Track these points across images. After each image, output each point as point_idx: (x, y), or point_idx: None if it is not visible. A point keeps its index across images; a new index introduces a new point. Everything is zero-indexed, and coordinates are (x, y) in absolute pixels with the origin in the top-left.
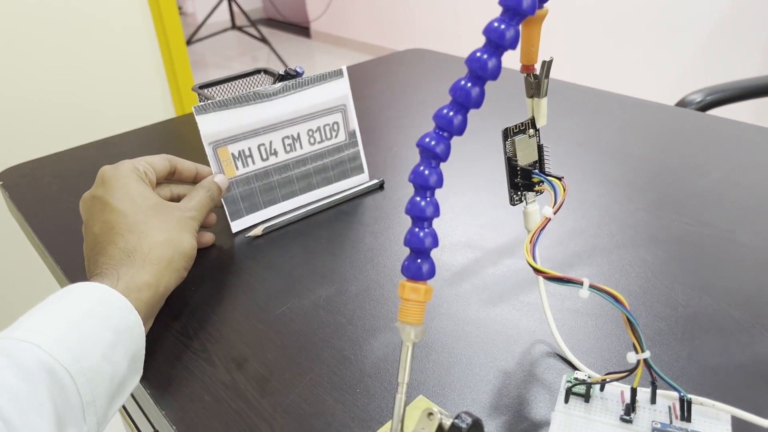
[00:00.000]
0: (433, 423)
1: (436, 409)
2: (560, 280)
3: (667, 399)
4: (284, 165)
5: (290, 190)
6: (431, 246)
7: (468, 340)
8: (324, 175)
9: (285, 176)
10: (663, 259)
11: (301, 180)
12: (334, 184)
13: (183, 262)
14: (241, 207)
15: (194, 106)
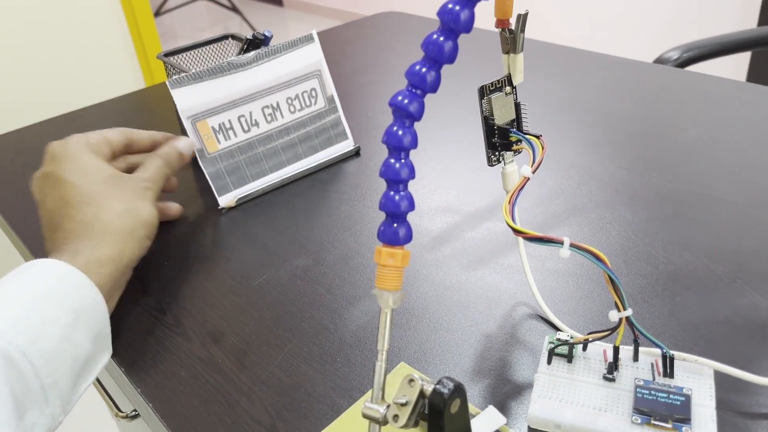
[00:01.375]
0: (414, 389)
1: (417, 376)
2: (540, 240)
3: (650, 356)
4: (267, 136)
5: (277, 161)
6: (407, 209)
7: (448, 305)
8: (309, 143)
9: (269, 147)
10: (643, 217)
11: (287, 150)
12: (321, 152)
13: (145, 230)
14: (228, 182)
15: (168, 80)
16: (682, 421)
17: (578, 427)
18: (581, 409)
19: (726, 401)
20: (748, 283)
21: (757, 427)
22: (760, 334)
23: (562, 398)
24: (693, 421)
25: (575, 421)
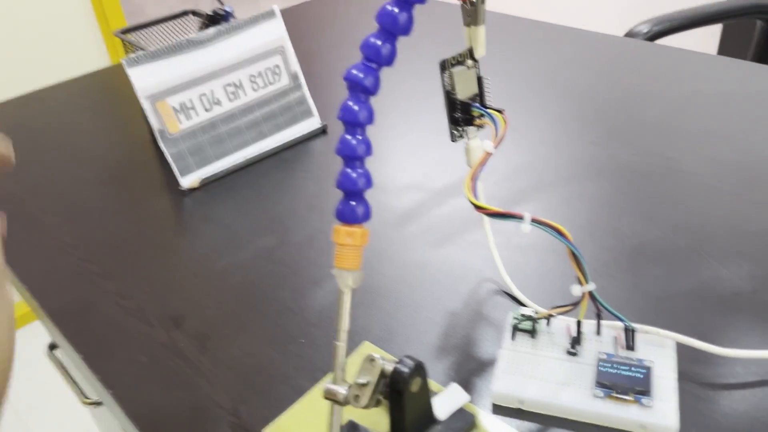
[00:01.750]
0: (375, 369)
1: (378, 355)
2: (502, 216)
3: (613, 330)
4: (230, 115)
5: (241, 140)
6: (365, 187)
7: (414, 283)
8: (274, 122)
9: (233, 126)
10: (609, 191)
11: (251, 129)
12: (285, 130)
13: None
14: (191, 162)
15: (123, 58)
16: (643, 394)
17: (541, 402)
18: (544, 384)
19: (688, 373)
20: (712, 255)
21: (717, 398)
22: (722, 306)
23: (526, 373)
24: (654, 394)
25: (538, 396)
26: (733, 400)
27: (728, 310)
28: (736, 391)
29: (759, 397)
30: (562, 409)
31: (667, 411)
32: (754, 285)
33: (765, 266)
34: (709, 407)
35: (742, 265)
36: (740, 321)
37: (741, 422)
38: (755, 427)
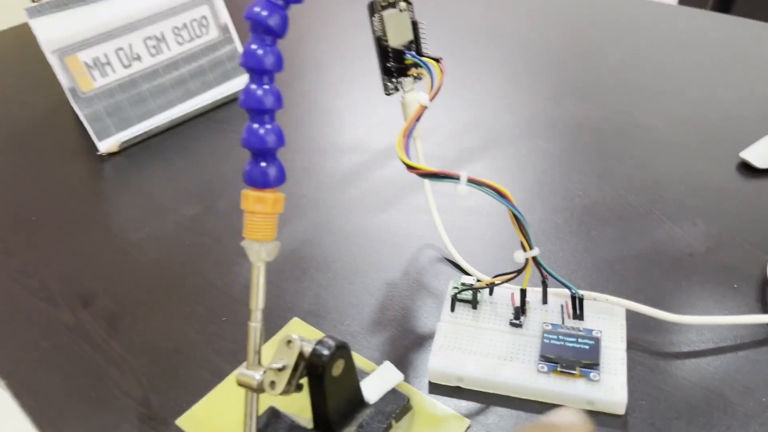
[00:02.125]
0: (292, 352)
1: (297, 336)
2: (436, 177)
3: (560, 298)
4: (152, 71)
5: (166, 99)
6: (276, 145)
7: (350, 253)
8: (202, 79)
9: (156, 84)
10: (561, 148)
11: (177, 87)
12: (216, 88)
13: None
14: (109, 124)
15: (26, 7)
16: (591, 367)
17: (481, 379)
18: (485, 360)
19: (637, 341)
20: (665, 214)
21: (669, 368)
22: (674, 268)
23: (465, 348)
24: (602, 366)
25: (478, 373)
26: (686, 371)
27: (682, 273)
28: (689, 360)
29: (714, 366)
30: (503, 386)
31: (616, 385)
32: (708, 244)
33: (720, 224)
34: (661, 379)
35: (696, 224)
36: (694, 284)
37: (694, 394)
38: (709, 399)
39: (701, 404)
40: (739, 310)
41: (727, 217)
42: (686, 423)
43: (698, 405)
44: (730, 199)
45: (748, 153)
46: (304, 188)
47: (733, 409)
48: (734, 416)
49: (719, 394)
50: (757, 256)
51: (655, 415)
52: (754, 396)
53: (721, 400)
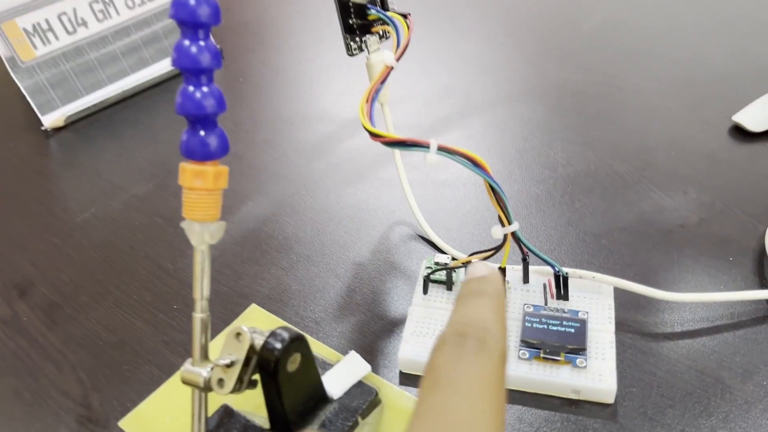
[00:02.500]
0: (242, 345)
1: (246, 328)
2: (403, 145)
3: (542, 276)
4: (101, 38)
5: (117, 69)
6: (215, 110)
7: (315, 232)
8: (157, 46)
9: (105, 52)
10: (542, 114)
11: (129, 55)
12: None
13: None
14: (53, 96)
15: None
16: (577, 352)
17: None
18: None
19: (626, 322)
20: (654, 183)
21: (661, 350)
22: (665, 241)
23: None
24: (589, 351)
25: None
26: (680, 353)
27: (673, 246)
28: (683, 342)
29: (710, 347)
30: None
31: (604, 371)
32: (701, 215)
33: (713, 193)
34: (653, 362)
35: (688, 193)
36: (686, 258)
37: (689, 378)
38: (706, 384)
39: (697, 390)
40: (735, 286)
41: (720, 184)
42: (681, 411)
43: (694, 391)
44: (723, 166)
45: (741, 116)
46: (265, 162)
47: (732, 394)
48: (733, 402)
49: (716, 378)
50: (753, 226)
51: (647, 403)
52: (754, 379)
53: (719, 384)
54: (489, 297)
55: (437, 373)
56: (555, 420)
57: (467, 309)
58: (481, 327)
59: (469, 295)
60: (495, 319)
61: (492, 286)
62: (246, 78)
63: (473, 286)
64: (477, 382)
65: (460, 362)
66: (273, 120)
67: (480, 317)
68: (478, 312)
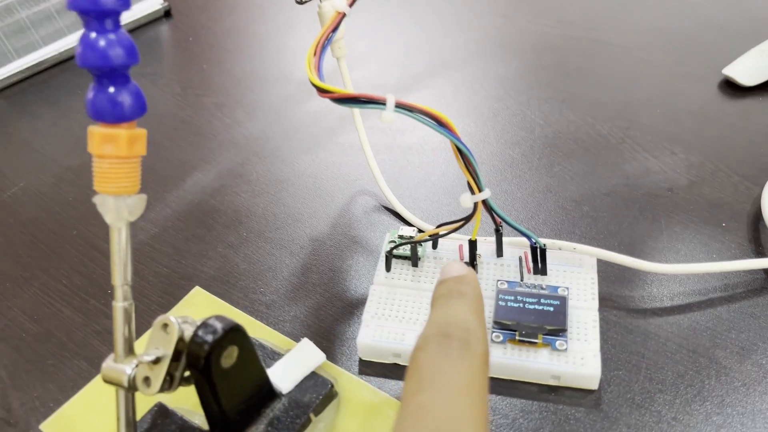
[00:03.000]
0: (170, 338)
1: (174, 318)
2: (356, 101)
3: (518, 249)
4: None
5: (53, 29)
6: (126, 61)
7: (267, 204)
8: None
9: (38, 11)
10: (518, 71)
11: (65, 14)
12: None
13: None
14: None
15: None
16: (556, 333)
17: None
18: None
19: (611, 297)
20: (639, 143)
21: (647, 327)
22: (652, 207)
23: (404, 316)
24: (570, 332)
25: None
26: (670, 331)
27: (660, 212)
28: (673, 318)
29: (702, 323)
30: None
31: (587, 354)
32: (690, 177)
33: (703, 153)
34: (640, 342)
35: (676, 153)
36: (675, 224)
37: (680, 359)
38: (699, 364)
39: (689, 371)
40: (729, 254)
41: (710, 144)
42: (672, 396)
43: (686, 372)
44: (713, 123)
45: (732, 69)
46: (215, 128)
47: (728, 375)
48: (729, 384)
49: (710, 358)
50: (747, 188)
51: (634, 387)
52: (752, 358)
53: (713, 365)
54: (468, 298)
55: (422, 373)
56: (532, 410)
57: (448, 309)
58: (464, 328)
59: (449, 296)
60: (476, 321)
61: (470, 288)
62: (196, 38)
63: (451, 286)
64: (462, 383)
65: (445, 362)
66: (224, 82)
67: (462, 318)
68: (459, 313)
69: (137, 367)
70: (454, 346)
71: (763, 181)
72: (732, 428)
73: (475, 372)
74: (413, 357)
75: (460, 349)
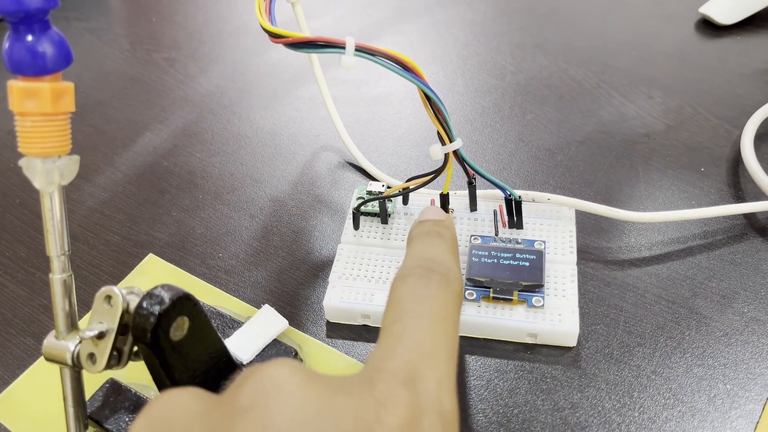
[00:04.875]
0: (114, 310)
1: (118, 289)
2: (312, 46)
3: (492, 202)
4: None
5: None
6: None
7: (225, 164)
8: None
9: None
10: (487, 15)
11: None
12: None
13: None
14: None
15: None
16: (533, 289)
17: None
18: None
19: (588, 249)
20: (615, 87)
21: (626, 279)
22: (629, 153)
23: (373, 276)
24: (547, 287)
25: None
26: (649, 282)
27: (638, 158)
28: (651, 268)
29: (681, 273)
30: None
31: (565, 310)
32: (667, 121)
33: (680, 96)
34: (618, 294)
35: (652, 97)
36: (653, 171)
37: (660, 310)
38: (678, 315)
39: (669, 323)
40: (708, 200)
41: (688, 86)
42: (651, 349)
43: (665, 324)
44: (690, 65)
45: (709, 7)
46: (167, 84)
47: (709, 325)
48: (711, 335)
49: (690, 309)
50: (726, 131)
51: (613, 342)
52: (734, 306)
53: (693, 315)
54: (446, 240)
55: (402, 304)
56: (508, 369)
57: (428, 246)
58: (444, 265)
59: (428, 235)
60: (454, 261)
61: (448, 231)
62: None
63: (430, 227)
64: (440, 313)
65: (426, 293)
66: (176, 36)
67: (441, 256)
68: (439, 251)
69: (80, 344)
70: (435, 279)
71: (742, 123)
72: (713, 380)
73: (451, 306)
74: (393, 287)
75: (440, 282)
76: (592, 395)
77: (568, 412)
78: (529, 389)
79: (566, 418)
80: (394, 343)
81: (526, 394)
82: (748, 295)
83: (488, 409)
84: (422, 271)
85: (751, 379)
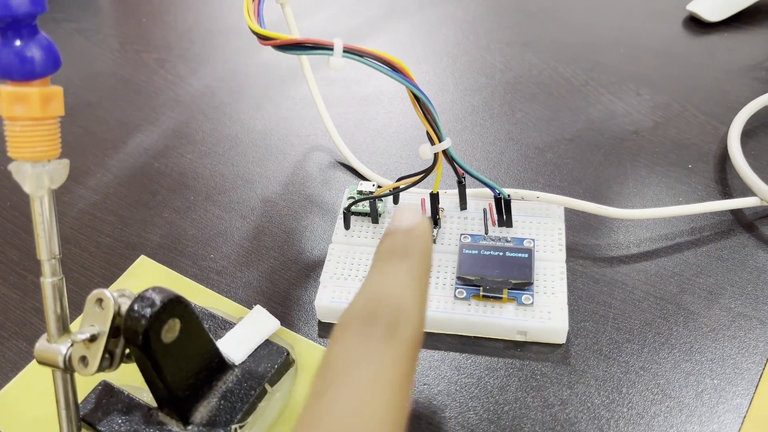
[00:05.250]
0: (105, 313)
1: (111, 293)
2: (301, 48)
3: (481, 201)
4: None
5: None
6: (31, 9)
7: (216, 165)
8: None
9: None
10: (476, 13)
11: None
12: None
13: None
14: None
15: None
16: (522, 287)
17: None
18: None
19: (577, 246)
20: (603, 85)
21: (614, 275)
22: (617, 150)
23: (363, 276)
24: (536, 285)
25: None
26: (637, 278)
27: (626, 155)
28: (640, 265)
29: (669, 269)
30: None
31: (554, 308)
32: (655, 118)
33: (668, 93)
34: (607, 291)
35: (640, 94)
36: (641, 168)
37: (648, 306)
38: (666, 311)
39: (657, 319)
40: (696, 197)
41: (675, 83)
42: (639, 345)
43: (654, 320)
44: (678, 62)
45: (696, 4)
46: (157, 86)
47: (696, 321)
48: (698, 330)
49: (678, 305)
50: (714, 127)
51: (601, 339)
52: (720, 302)
53: (681, 311)
54: (412, 259)
55: (334, 370)
56: (498, 367)
57: (383, 278)
58: (395, 306)
59: (391, 255)
60: (413, 294)
61: (418, 244)
62: None
63: (396, 241)
64: (379, 377)
65: (362, 353)
66: (166, 36)
67: (395, 292)
68: (394, 284)
69: (72, 347)
70: (377, 332)
71: (729, 119)
72: (701, 375)
73: (397, 363)
74: (329, 345)
75: (385, 336)
76: (581, 391)
77: (558, 408)
78: (520, 386)
79: (556, 414)
80: (310, 427)
81: (517, 391)
82: (735, 291)
83: (479, 407)
84: (364, 319)
85: (737, 374)
